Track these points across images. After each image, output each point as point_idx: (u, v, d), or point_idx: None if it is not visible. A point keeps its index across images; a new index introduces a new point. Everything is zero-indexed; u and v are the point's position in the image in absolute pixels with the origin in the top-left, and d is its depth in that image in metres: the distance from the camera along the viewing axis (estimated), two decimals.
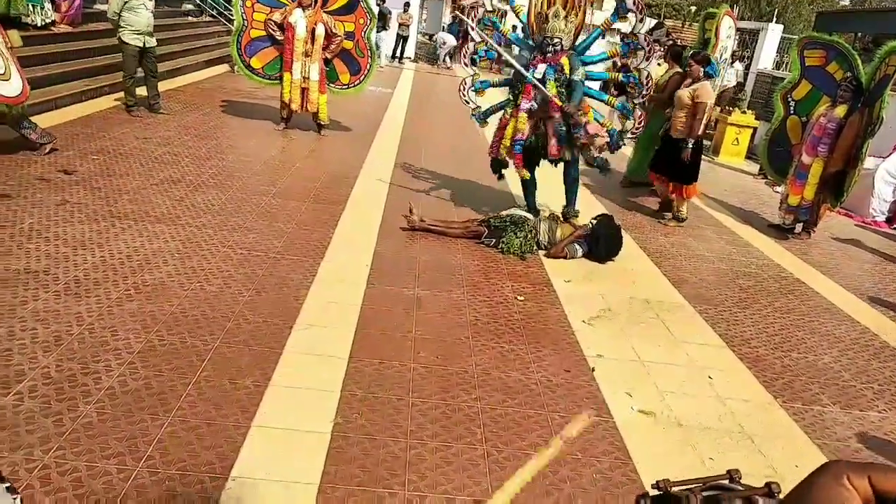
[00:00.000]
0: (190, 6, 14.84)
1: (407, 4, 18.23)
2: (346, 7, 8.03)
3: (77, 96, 7.74)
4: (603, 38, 6.32)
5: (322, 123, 8.25)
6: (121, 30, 7.41)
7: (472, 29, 5.72)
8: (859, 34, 21.26)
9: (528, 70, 5.33)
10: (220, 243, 4.53)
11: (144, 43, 7.56)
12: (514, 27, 5.84)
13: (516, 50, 5.78)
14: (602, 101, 5.71)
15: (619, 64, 5.89)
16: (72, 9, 9.31)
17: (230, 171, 6.22)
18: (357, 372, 3.22)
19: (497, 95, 6.15)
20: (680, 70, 7.46)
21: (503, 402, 3.17)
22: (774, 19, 16.18)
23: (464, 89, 5.93)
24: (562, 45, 5.29)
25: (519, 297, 4.43)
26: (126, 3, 7.30)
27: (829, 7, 26.66)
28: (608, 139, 5.52)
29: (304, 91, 7.97)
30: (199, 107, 8.95)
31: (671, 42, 11.72)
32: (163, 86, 9.47)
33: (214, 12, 15.58)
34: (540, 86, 5.24)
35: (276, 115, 8.46)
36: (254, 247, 4.56)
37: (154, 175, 5.80)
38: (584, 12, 5.44)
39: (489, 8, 5.66)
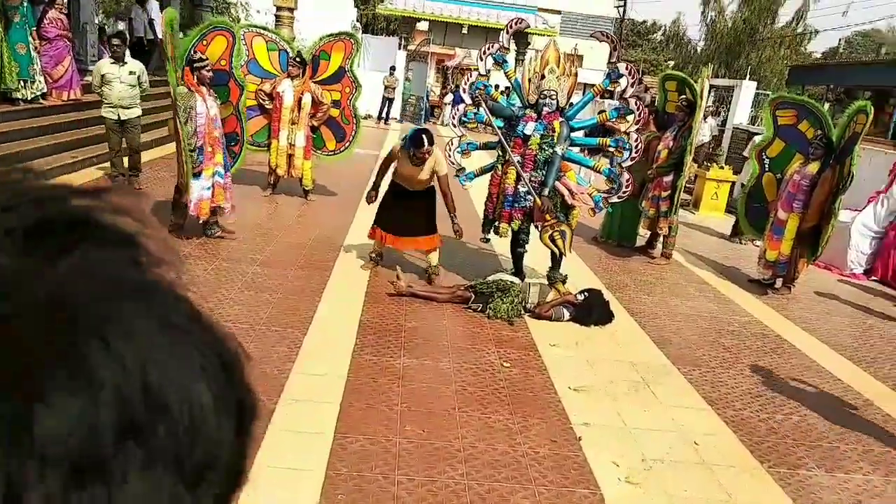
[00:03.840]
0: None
1: (393, 68, 18.74)
2: (334, 76, 8.27)
3: (67, 167, 7.84)
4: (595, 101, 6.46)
5: (307, 189, 8.38)
6: (103, 104, 7.39)
7: (464, 92, 5.90)
8: (831, 86, 22.03)
9: (518, 125, 5.51)
10: None
11: (119, 116, 7.32)
12: (505, 89, 6.02)
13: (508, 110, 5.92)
14: (588, 167, 5.86)
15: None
16: (63, 80, 9.49)
17: (216, 239, 6.27)
18: (342, 449, 3.22)
19: (484, 157, 6.30)
20: (657, 132, 7.71)
21: (490, 477, 3.17)
22: (748, 76, 16.76)
23: (450, 150, 6.07)
24: (557, 103, 5.47)
25: (505, 364, 4.46)
26: (103, 76, 7.23)
27: (802, 61, 27.66)
28: (592, 204, 5.63)
29: (290, 157, 8.12)
30: None
31: (652, 100, 12.05)
32: (154, 153, 9.62)
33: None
34: (524, 177, 5.42)
35: (263, 180, 8.59)
36: (239, 319, 4.58)
37: None
38: (576, 76, 5.67)
39: (482, 72, 5.83)
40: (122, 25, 22.12)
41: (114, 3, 21.82)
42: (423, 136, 5.32)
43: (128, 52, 7.58)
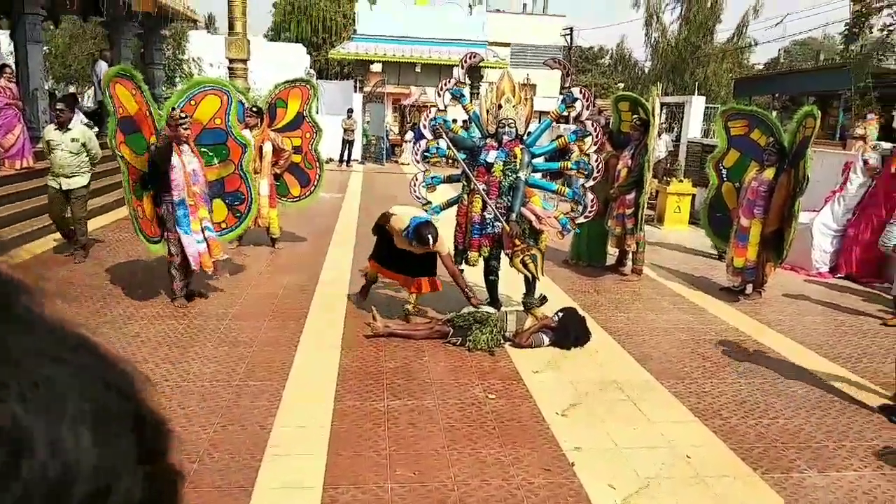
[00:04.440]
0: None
1: (350, 110, 18.86)
2: (292, 123, 8.28)
3: (25, 237, 7.64)
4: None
5: (274, 237, 8.31)
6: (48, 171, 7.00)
7: (425, 128, 5.99)
8: (776, 95, 22.81)
9: (480, 154, 5.59)
10: (179, 378, 4.42)
11: (61, 185, 6.93)
12: (464, 122, 6.13)
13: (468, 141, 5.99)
14: (552, 191, 5.94)
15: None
16: (15, 148, 9.31)
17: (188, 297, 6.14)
18: (333, 502, 3.12)
19: (448, 191, 6.33)
20: (613, 151, 7.86)
21: None
22: (696, 91, 17.26)
23: (415, 185, 6.10)
24: (516, 131, 5.56)
25: (490, 396, 4.41)
26: (48, 142, 6.90)
27: (745, 73, 28.63)
28: (560, 227, 5.70)
29: None
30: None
31: (607, 121, 12.31)
32: (114, 216, 9.46)
33: None
34: (490, 204, 5.48)
35: None
36: (215, 377, 4.47)
37: (106, 312, 5.69)
38: (532, 104, 5.79)
39: (441, 107, 5.93)
40: (72, 88, 21.91)
41: (62, 68, 21.68)
42: (429, 237, 5.17)
43: (80, 118, 7.36)
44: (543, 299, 5.72)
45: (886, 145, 8.75)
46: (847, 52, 15.16)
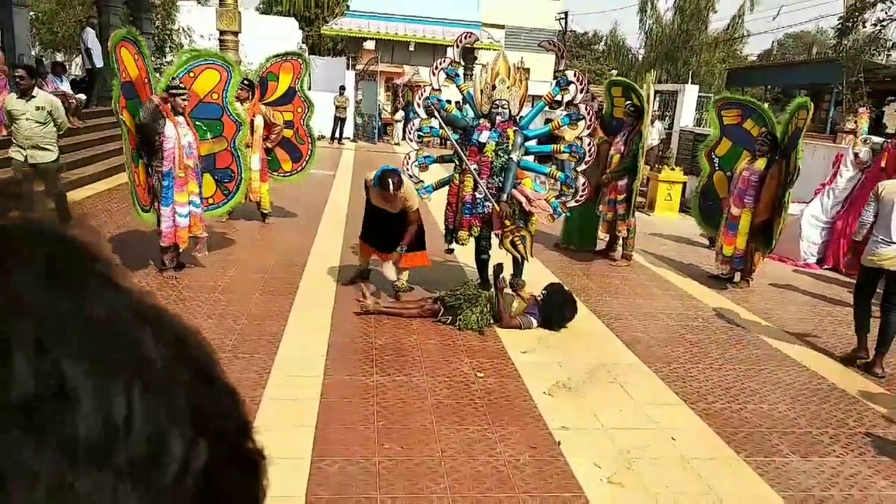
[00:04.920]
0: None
1: (342, 88, 18.68)
2: (284, 97, 8.19)
3: None
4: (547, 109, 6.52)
5: (265, 212, 8.24)
6: (11, 144, 6.54)
7: (419, 107, 5.95)
8: (769, 86, 22.87)
9: (473, 133, 5.56)
10: None
11: (27, 158, 6.38)
12: (456, 103, 6.10)
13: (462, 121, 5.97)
14: (544, 174, 5.93)
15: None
16: (2, 115, 9.14)
17: (178, 271, 6.09)
18: (321, 473, 3.13)
19: (441, 171, 6.30)
20: (605, 137, 7.85)
21: (474, 489, 3.12)
22: (690, 80, 17.26)
23: (407, 164, 6.07)
24: (509, 112, 5.54)
25: (479, 374, 4.42)
26: (9, 113, 6.39)
27: (739, 64, 28.67)
28: (551, 210, 5.70)
29: None
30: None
31: (600, 107, 12.29)
32: (101, 186, 9.35)
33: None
34: (481, 184, 5.45)
35: None
36: None
37: None
38: (526, 86, 5.75)
39: (435, 87, 5.89)
40: (59, 57, 21.57)
41: (49, 34, 21.27)
42: (389, 181, 5.20)
43: (42, 86, 6.86)
44: (499, 268, 5.47)
45: (877, 139, 8.81)
46: (840, 46, 15.17)
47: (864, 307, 5.19)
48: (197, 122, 6.07)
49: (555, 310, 5.33)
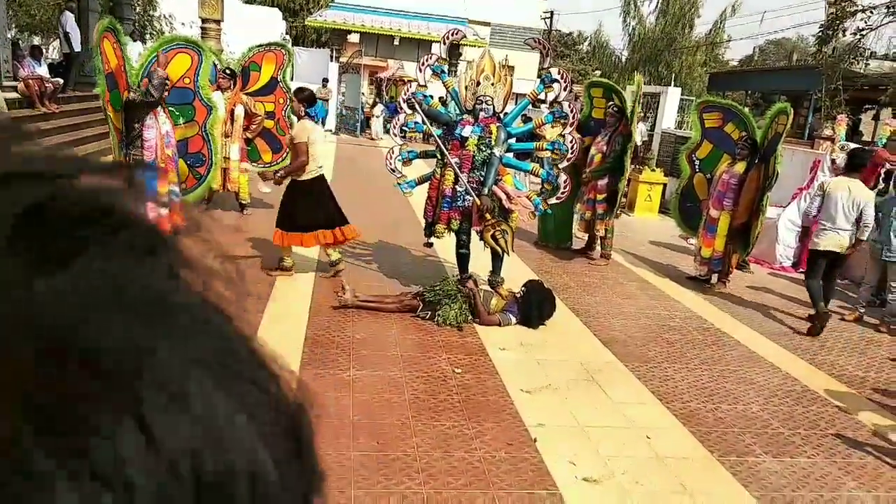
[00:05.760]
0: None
1: (325, 80, 18.53)
2: (266, 88, 8.09)
3: None
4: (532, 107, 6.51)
5: (244, 202, 8.15)
6: None
7: (404, 102, 5.92)
8: (749, 91, 23.12)
9: (456, 128, 5.54)
10: None
11: None
12: (440, 99, 6.08)
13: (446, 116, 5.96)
14: (526, 171, 5.92)
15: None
16: None
17: None
18: None
19: (424, 166, 6.27)
20: (581, 137, 7.85)
21: (448, 484, 3.10)
22: (672, 83, 17.39)
23: (391, 159, 6.03)
24: (493, 108, 5.52)
25: (456, 370, 4.41)
26: None
27: (720, 68, 28.95)
28: (532, 207, 5.70)
29: (225, 171, 7.87)
30: None
31: (580, 108, 12.30)
32: None
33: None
34: (462, 177, 5.44)
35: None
36: None
37: None
38: (510, 84, 5.74)
39: (421, 83, 5.86)
40: (37, 40, 21.11)
41: (27, 17, 20.83)
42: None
43: (19, 70, 6.82)
44: (464, 278, 5.64)
45: (853, 146, 8.93)
46: (820, 53, 15.36)
47: (815, 284, 6.17)
48: (170, 108, 6.00)
49: (534, 307, 5.33)
